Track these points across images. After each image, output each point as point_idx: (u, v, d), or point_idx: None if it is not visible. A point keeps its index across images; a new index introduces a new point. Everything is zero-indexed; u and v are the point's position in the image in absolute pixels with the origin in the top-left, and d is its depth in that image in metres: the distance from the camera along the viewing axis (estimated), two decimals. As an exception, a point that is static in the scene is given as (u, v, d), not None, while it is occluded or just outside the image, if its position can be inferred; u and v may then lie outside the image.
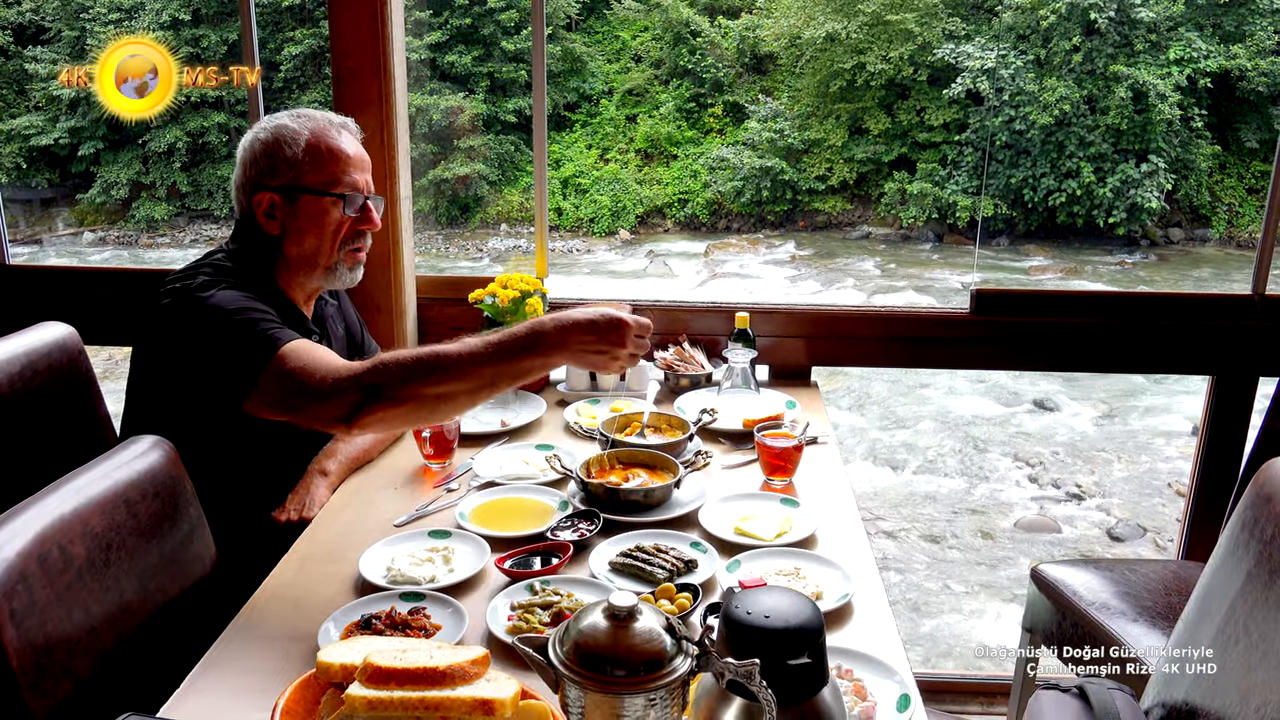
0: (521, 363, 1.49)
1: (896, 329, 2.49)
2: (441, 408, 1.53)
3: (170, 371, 1.71)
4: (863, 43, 16.41)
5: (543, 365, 1.51)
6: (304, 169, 1.78)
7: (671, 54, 18.32)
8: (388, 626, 1.37)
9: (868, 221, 16.67)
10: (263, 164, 1.79)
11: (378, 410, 1.48)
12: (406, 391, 1.48)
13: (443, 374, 1.48)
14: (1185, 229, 15.66)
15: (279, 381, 1.56)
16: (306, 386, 1.53)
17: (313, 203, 1.79)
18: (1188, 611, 1.39)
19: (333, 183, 1.80)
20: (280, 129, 1.80)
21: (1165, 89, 14.80)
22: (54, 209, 17.28)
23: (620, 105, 18.42)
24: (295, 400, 1.55)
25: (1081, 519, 6.69)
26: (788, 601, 0.99)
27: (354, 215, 1.83)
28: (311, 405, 1.53)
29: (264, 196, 1.79)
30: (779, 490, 1.82)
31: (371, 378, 1.49)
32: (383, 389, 1.48)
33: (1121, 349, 2.47)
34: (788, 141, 16.74)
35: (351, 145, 1.84)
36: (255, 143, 1.81)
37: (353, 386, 1.50)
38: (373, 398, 1.48)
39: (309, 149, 1.79)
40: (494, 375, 1.49)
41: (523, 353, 1.48)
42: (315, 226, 1.80)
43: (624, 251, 16.08)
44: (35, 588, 1.22)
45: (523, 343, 1.48)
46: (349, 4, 2.18)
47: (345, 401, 1.49)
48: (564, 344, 1.49)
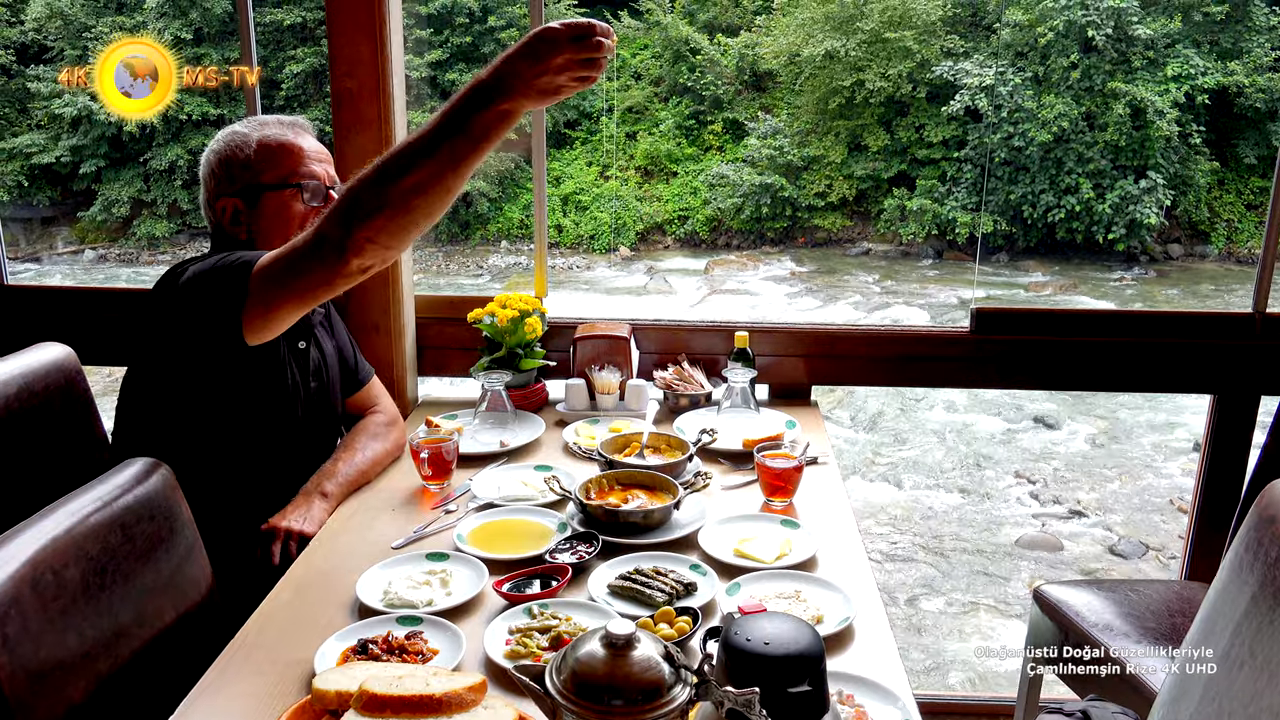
0: (475, 120, 1.40)
1: (897, 348, 2.49)
2: (418, 202, 1.44)
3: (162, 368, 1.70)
4: (862, 60, 16.46)
5: (497, 115, 1.41)
6: (259, 169, 1.79)
7: (671, 71, 18.38)
8: (385, 651, 1.36)
9: (867, 238, 16.69)
10: (220, 173, 1.81)
11: (362, 229, 1.44)
12: (378, 197, 1.43)
13: (403, 162, 1.43)
14: (1184, 245, 15.67)
15: (268, 279, 1.55)
16: (291, 255, 1.53)
17: (273, 199, 1.80)
18: (1192, 634, 1.38)
19: (290, 175, 1.81)
20: (232, 136, 1.82)
21: (1163, 105, 14.84)
22: (54, 227, 17.30)
23: (620, 122, 18.46)
24: (287, 276, 1.53)
25: (1083, 536, 6.66)
26: (788, 628, 0.98)
27: (318, 205, 1.82)
28: (303, 267, 1.51)
29: (227, 204, 1.80)
30: (779, 511, 1.81)
31: (340, 203, 1.47)
32: (354, 206, 1.45)
33: (1122, 368, 2.46)
34: (787, 158, 16.77)
35: (306, 139, 1.85)
36: (211, 155, 1.83)
37: (328, 222, 1.48)
38: (350, 219, 1.45)
39: (261, 148, 1.80)
40: (454, 143, 1.41)
41: (471, 107, 1.41)
42: (280, 222, 1.80)
43: (624, 268, 16.09)
44: (28, 612, 1.21)
45: (466, 97, 1.41)
46: (348, 25, 2.18)
47: (329, 240, 1.47)
48: (504, 80, 1.39)
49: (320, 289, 1.54)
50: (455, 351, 2.46)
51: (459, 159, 1.42)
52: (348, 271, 1.48)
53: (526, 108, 1.42)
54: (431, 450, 1.90)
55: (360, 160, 2.20)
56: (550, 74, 1.38)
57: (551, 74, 1.38)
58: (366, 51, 2.19)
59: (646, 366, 2.41)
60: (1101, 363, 2.45)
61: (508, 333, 2.28)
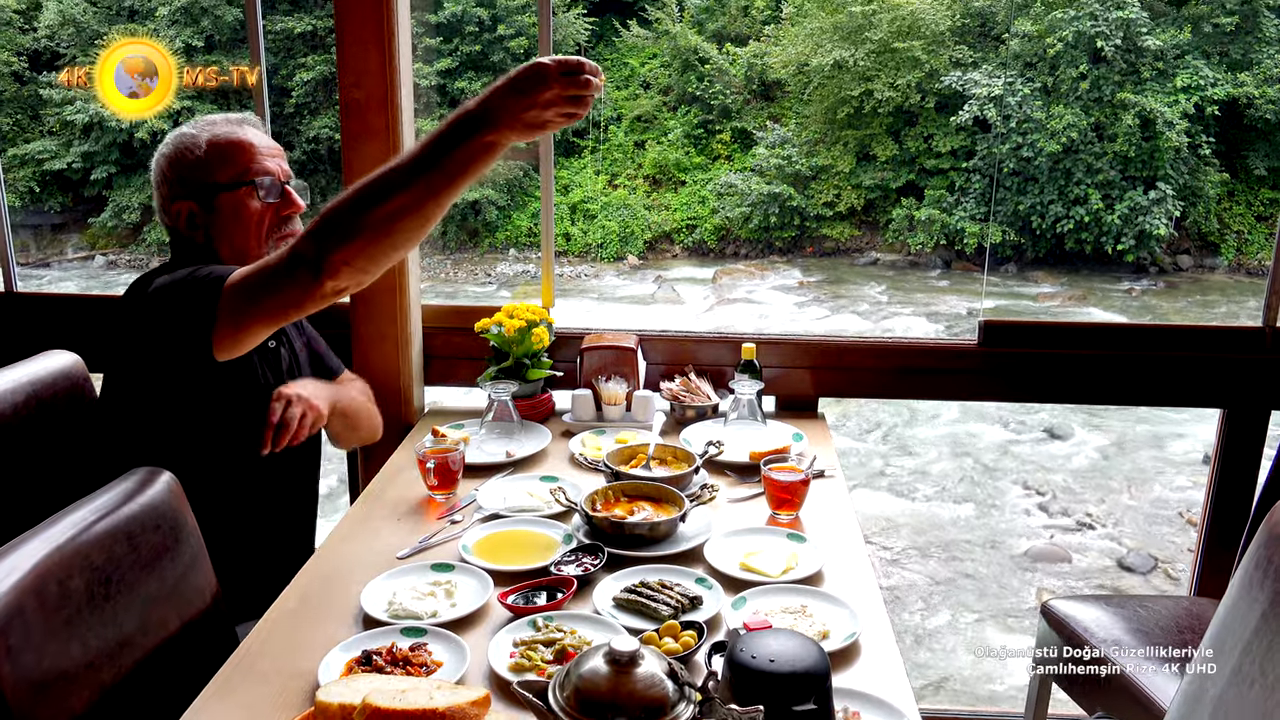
0: (459, 150, 1.39)
1: (904, 360, 2.48)
2: (398, 228, 1.43)
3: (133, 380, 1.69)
4: (870, 70, 16.48)
5: (481, 147, 1.40)
6: (211, 169, 1.76)
7: (680, 81, 18.41)
8: (389, 663, 1.36)
9: (875, 248, 16.68)
10: (171, 177, 1.77)
11: (339, 251, 1.43)
12: (357, 221, 1.42)
13: (385, 188, 1.42)
14: (1194, 256, 15.63)
15: (239, 294, 1.53)
16: (263, 273, 1.51)
17: (229, 199, 1.77)
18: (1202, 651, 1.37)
19: (244, 173, 1.77)
20: (180, 139, 1.78)
21: (1173, 116, 14.81)
22: (65, 233, 17.38)
23: (629, 131, 18.50)
24: (259, 294, 1.51)
25: (1092, 548, 6.63)
26: (793, 645, 0.98)
27: (275, 202, 1.79)
28: (275, 285, 1.49)
29: (181, 207, 1.77)
30: (785, 524, 1.80)
31: (317, 224, 1.45)
32: (333, 228, 1.43)
33: (1131, 382, 2.45)
34: (795, 168, 16.78)
35: (256, 135, 1.81)
36: (161, 160, 1.79)
37: (304, 241, 1.46)
38: (328, 240, 1.43)
39: (211, 148, 1.76)
40: (435, 175, 1.40)
41: (455, 138, 1.40)
42: (238, 222, 1.77)
43: (632, 277, 16.10)
44: (32, 622, 1.21)
45: (451, 126, 1.40)
46: (357, 36, 2.19)
47: (304, 260, 1.45)
48: (491, 113, 1.38)
49: (292, 309, 1.52)
50: (462, 361, 2.46)
51: (440, 187, 1.41)
52: (321, 292, 1.46)
53: (511, 140, 1.42)
54: (438, 460, 1.90)
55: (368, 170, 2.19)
56: (537, 108, 1.39)
57: (539, 108, 1.39)
58: (375, 62, 2.19)
59: (653, 377, 2.41)
60: (1110, 376, 2.44)
61: (515, 343, 2.28)
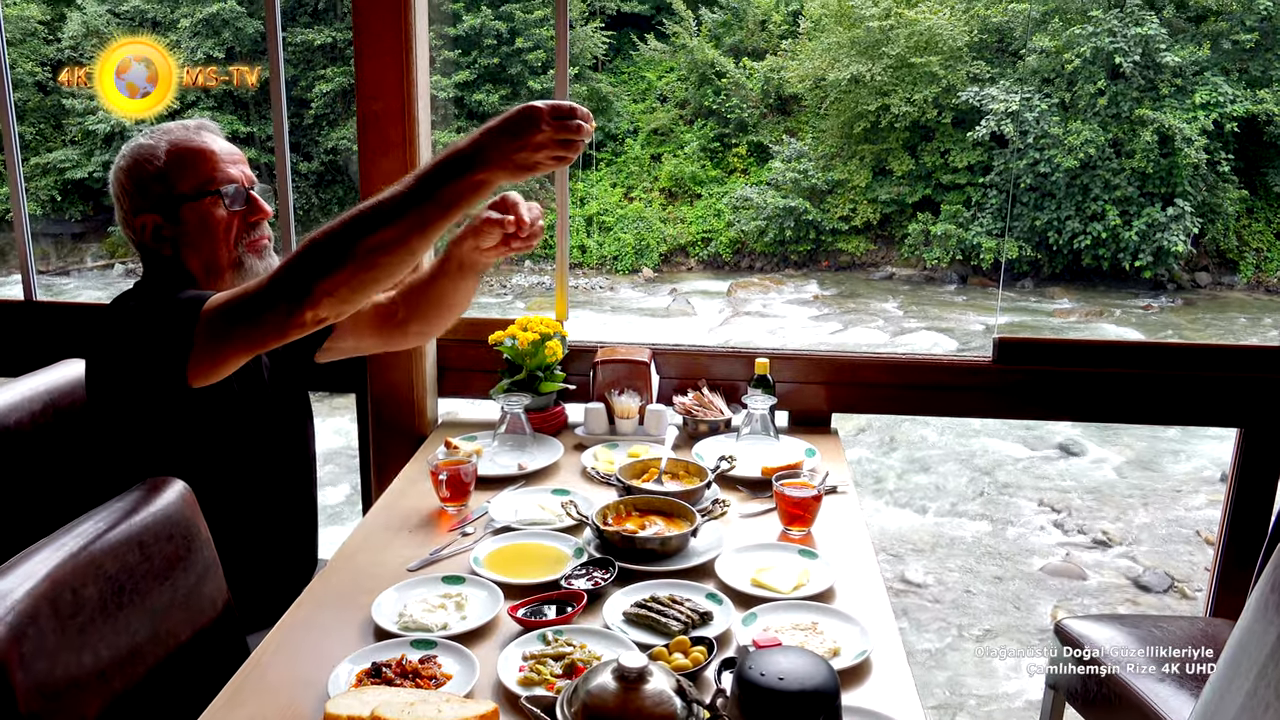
0: (447, 188, 1.40)
1: (918, 376, 2.47)
2: (382, 261, 1.42)
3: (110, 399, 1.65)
4: (887, 85, 16.48)
5: (470, 185, 1.41)
6: (173, 180, 1.70)
7: (697, 94, 18.47)
8: (398, 675, 1.36)
9: (891, 262, 16.65)
10: (131, 190, 1.71)
11: (322, 282, 1.42)
12: (342, 252, 1.41)
13: (371, 220, 1.41)
14: (1213, 273, 15.53)
15: (217, 321, 1.50)
16: (243, 300, 1.49)
17: (193, 210, 1.70)
18: (1217, 673, 1.36)
19: (207, 182, 1.71)
20: (137, 150, 1.72)
21: (1191, 133, 14.74)
22: (84, 242, 17.53)
23: (645, 144, 18.55)
24: (238, 321, 1.49)
25: (1108, 566, 6.57)
26: (803, 663, 0.97)
27: (241, 209, 1.74)
28: (255, 313, 1.47)
29: (146, 220, 1.71)
30: (797, 541, 1.80)
31: (300, 253, 1.44)
32: (316, 258, 1.42)
33: (1147, 400, 2.43)
34: (811, 182, 16.78)
35: (215, 141, 1.76)
36: (119, 173, 1.73)
37: (286, 270, 1.44)
38: (311, 270, 1.42)
39: (170, 158, 1.70)
40: (423, 210, 1.41)
41: (445, 175, 1.41)
42: (205, 233, 1.71)
43: (647, 289, 16.12)
44: (46, 630, 1.22)
45: (442, 163, 1.41)
46: (376, 49, 2.20)
47: (285, 290, 1.43)
48: (483, 152, 1.40)
49: (271, 337, 1.49)
50: (476, 373, 2.46)
51: (427, 223, 1.42)
52: (301, 322, 1.45)
53: (500, 180, 1.43)
54: (450, 472, 1.90)
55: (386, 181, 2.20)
56: (529, 150, 1.40)
57: (530, 150, 1.40)
58: (393, 75, 2.21)
59: (666, 391, 2.41)
60: (1126, 394, 2.43)
61: (528, 355, 2.29)
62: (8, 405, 1.78)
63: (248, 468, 1.78)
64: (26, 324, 2.63)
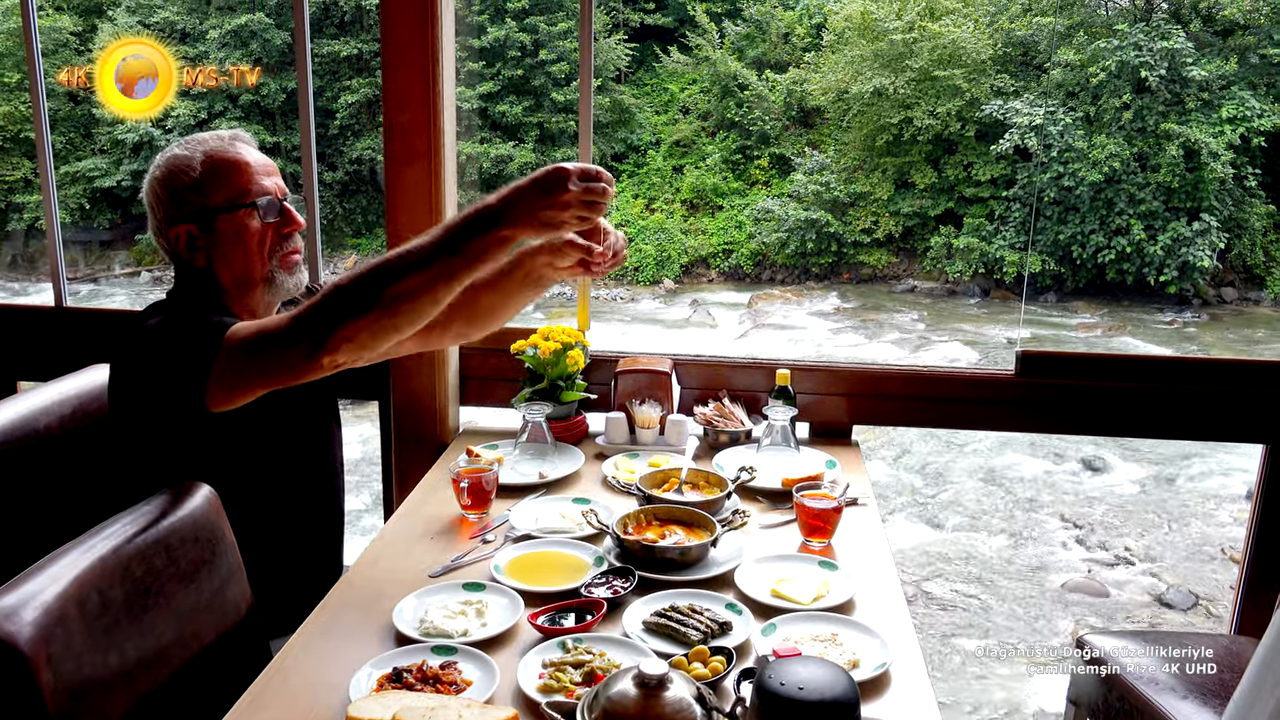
0: (474, 241, 1.44)
1: (939, 389, 2.46)
2: (405, 309, 1.45)
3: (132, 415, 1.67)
4: (910, 98, 16.46)
5: (497, 240, 1.45)
6: (208, 191, 1.70)
7: (719, 106, 18.51)
8: (419, 680, 1.37)
9: (913, 275, 16.60)
10: (166, 200, 1.72)
11: (343, 328, 1.44)
12: (365, 299, 1.43)
13: (397, 269, 1.44)
14: (1238, 289, 15.39)
15: (237, 352, 1.51)
16: (263, 335, 1.50)
17: (228, 221, 1.71)
18: (1241, 691, 1.35)
19: (242, 194, 1.71)
20: (172, 161, 1.73)
21: (1218, 147, 14.64)
22: (112, 250, 17.74)
23: (667, 156, 18.60)
24: (258, 358, 1.50)
25: (1130, 583, 6.51)
26: (822, 673, 0.97)
27: (274, 220, 1.74)
28: (273, 349, 1.49)
29: (179, 230, 1.72)
30: (817, 552, 1.80)
31: (324, 297, 1.46)
32: (339, 303, 1.44)
33: (1171, 415, 2.41)
34: (833, 194, 16.77)
35: (250, 153, 1.76)
36: (154, 183, 1.73)
37: (309, 312, 1.46)
38: (333, 315, 1.44)
39: (206, 169, 1.71)
40: (450, 261, 1.44)
41: (473, 229, 1.45)
42: (239, 244, 1.72)
43: (668, 300, 16.14)
44: (73, 631, 1.24)
45: (470, 218, 1.45)
46: (402, 61, 2.23)
47: (307, 331, 1.45)
48: (509, 209, 1.44)
49: (287, 377, 1.51)
50: (498, 382, 2.48)
51: (453, 275, 1.45)
52: (319, 365, 1.47)
53: (525, 236, 1.48)
54: (471, 480, 1.91)
55: (412, 192, 2.25)
56: (556, 209, 1.44)
57: (557, 209, 1.44)
58: (419, 86, 2.23)
59: (687, 402, 2.41)
60: (1149, 409, 2.41)
61: (550, 365, 2.30)
62: (38, 409, 1.81)
63: (273, 473, 1.80)
64: (57, 330, 2.66)
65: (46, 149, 2.63)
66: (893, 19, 16.60)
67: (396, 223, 2.32)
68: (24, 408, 1.79)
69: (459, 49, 2.18)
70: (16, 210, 17.28)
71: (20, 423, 1.77)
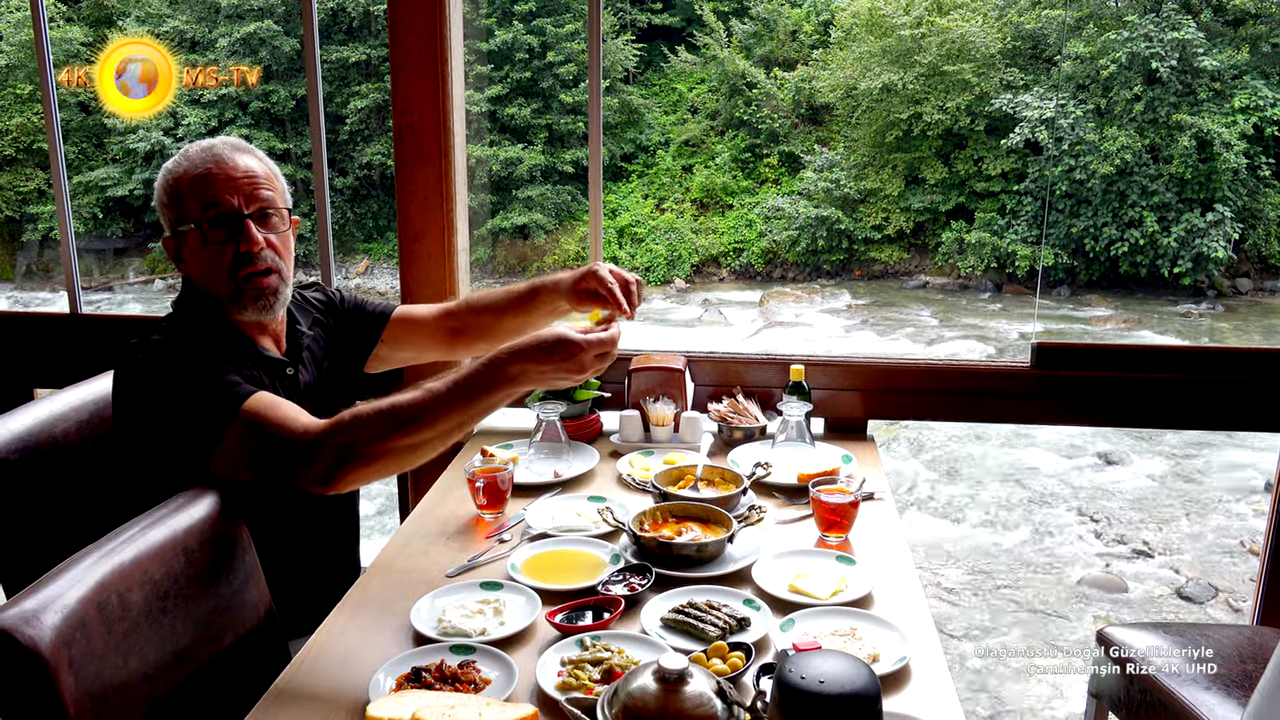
0: (483, 400, 1.51)
1: (955, 383, 2.45)
2: (413, 457, 1.53)
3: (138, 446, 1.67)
4: (919, 93, 16.41)
5: (505, 397, 1.53)
6: (174, 210, 1.70)
7: (728, 105, 18.49)
8: (438, 679, 1.37)
9: (925, 271, 16.55)
10: (159, 210, 1.74)
11: (353, 471, 1.50)
12: (379, 449, 1.49)
13: (412, 425, 1.49)
14: (1254, 279, 15.29)
15: (248, 438, 1.53)
16: (280, 445, 1.52)
17: (188, 238, 1.69)
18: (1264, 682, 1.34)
19: (193, 213, 1.67)
20: (163, 172, 1.73)
21: (1230, 138, 14.54)
22: (126, 258, 17.85)
23: (676, 156, 18.59)
24: (269, 459, 1.53)
25: (1150, 577, 6.47)
26: (843, 666, 0.97)
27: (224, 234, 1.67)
28: (288, 466, 1.52)
29: (167, 242, 1.74)
30: (834, 547, 1.79)
31: (343, 438, 1.49)
32: (355, 449, 1.49)
33: (1188, 405, 2.40)
34: (844, 191, 16.73)
35: (222, 165, 1.69)
36: (155, 191, 1.75)
37: (327, 448, 1.49)
38: (347, 459, 1.49)
39: (174, 186, 1.69)
40: (460, 417, 1.51)
41: (483, 390, 1.50)
42: (199, 261, 1.70)
43: (679, 300, 16.13)
44: (94, 635, 1.24)
45: (482, 381, 1.50)
46: (410, 64, 2.23)
47: (322, 464, 1.49)
48: (521, 373, 1.51)
49: (287, 483, 1.53)
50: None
51: (463, 425, 1.52)
52: (320, 490, 1.52)
53: (531, 388, 1.56)
54: (486, 479, 1.91)
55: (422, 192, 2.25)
56: (569, 377, 1.54)
57: (571, 376, 1.54)
58: (428, 89, 2.24)
59: (701, 399, 2.41)
60: (1166, 400, 2.39)
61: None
62: (54, 415, 1.81)
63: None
64: (73, 337, 2.68)
65: (59, 159, 2.64)
66: (900, 14, 16.56)
67: (408, 225, 2.33)
68: (42, 414, 1.80)
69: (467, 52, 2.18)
70: (31, 221, 17.40)
71: (38, 429, 1.78)
